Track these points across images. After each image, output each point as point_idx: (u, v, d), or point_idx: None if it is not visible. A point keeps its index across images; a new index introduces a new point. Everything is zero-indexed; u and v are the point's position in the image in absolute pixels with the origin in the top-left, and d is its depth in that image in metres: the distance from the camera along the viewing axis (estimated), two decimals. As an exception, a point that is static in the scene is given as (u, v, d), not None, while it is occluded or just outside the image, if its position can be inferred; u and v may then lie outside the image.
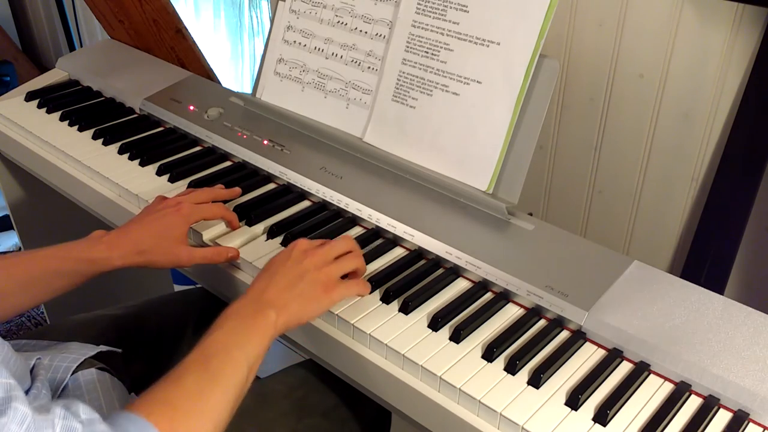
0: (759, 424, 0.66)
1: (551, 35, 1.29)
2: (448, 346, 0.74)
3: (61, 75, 1.39)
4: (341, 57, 1.04)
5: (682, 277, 0.79)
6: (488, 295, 0.82)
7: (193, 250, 0.86)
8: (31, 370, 0.77)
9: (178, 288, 1.78)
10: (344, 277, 0.78)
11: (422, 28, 0.95)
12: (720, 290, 1.19)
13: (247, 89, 2.17)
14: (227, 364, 0.63)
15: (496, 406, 0.67)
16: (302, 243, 0.77)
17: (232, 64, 2.40)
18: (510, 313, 0.79)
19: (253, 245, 0.89)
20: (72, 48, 2.63)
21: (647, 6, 1.19)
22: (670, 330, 0.73)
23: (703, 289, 0.77)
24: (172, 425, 0.57)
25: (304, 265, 0.74)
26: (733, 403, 0.68)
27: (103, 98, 1.30)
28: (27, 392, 0.72)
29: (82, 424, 0.52)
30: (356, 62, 1.02)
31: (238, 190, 0.97)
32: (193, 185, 1.01)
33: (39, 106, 1.26)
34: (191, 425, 0.58)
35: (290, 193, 1.00)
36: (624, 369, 0.72)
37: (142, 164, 1.07)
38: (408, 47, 0.96)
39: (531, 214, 0.89)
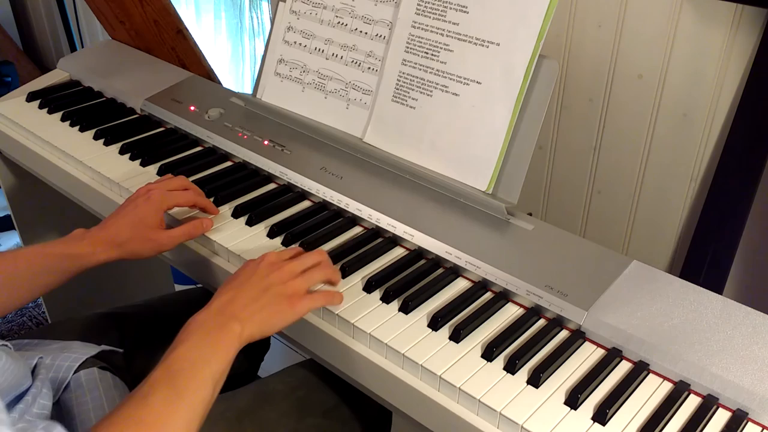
0: (758, 424, 0.66)
1: (551, 36, 1.29)
2: (448, 345, 0.74)
3: (62, 75, 1.40)
4: (341, 57, 1.04)
5: (681, 276, 0.79)
6: (488, 295, 0.82)
7: (171, 231, 0.87)
8: (33, 369, 0.78)
9: (178, 288, 1.79)
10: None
11: (422, 29, 0.95)
12: (719, 290, 1.19)
13: (248, 90, 2.17)
14: (193, 381, 0.62)
15: (495, 405, 0.67)
16: (270, 256, 0.76)
17: (233, 64, 2.40)
18: (509, 313, 0.79)
19: (253, 245, 0.89)
20: (73, 48, 2.64)
21: (646, 7, 1.19)
22: (669, 329, 0.73)
23: (702, 288, 0.77)
24: None
25: (270, 279, 0.73)
26: (731, 403, 0.68)
27: (104, 99, 1.30)
28: (27, 391, 0.72)
29: None
30: (356, 63, 1.02)
31: (216, 210, 0.96)
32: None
33: (40, 107, 1.26)
34: None
35: (290, 193, 1.00)
36: (623, 368, 0.72)
37: (143, 164, 1.08)
38: (408, 48, 0.96)
39: (530, 214, 0.90)
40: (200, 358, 0.64)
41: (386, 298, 0.80)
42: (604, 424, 0.66)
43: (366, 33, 1.01)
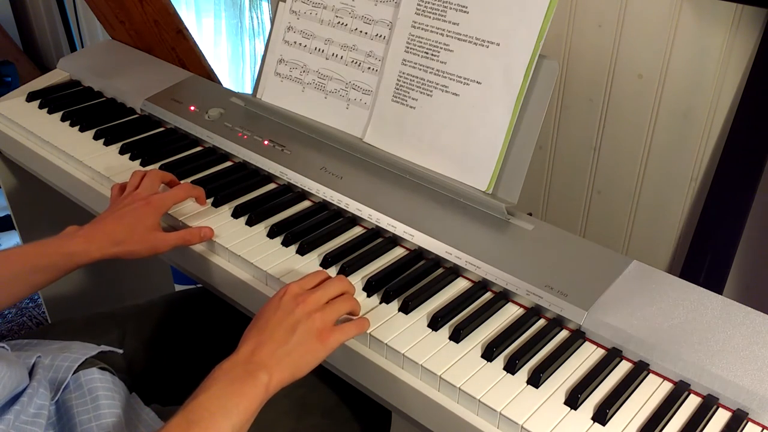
0: (758, 424, 0.66)
1: (551, 36, 1.29)
2: (448, 345, 0.74)
3: (63, 75, 1.40)
4: (341, 57, 1.04)
5: (681, 276, 0.79)
6: (488, 295, 0.82)
7: (168, 234, 0.88)
8: (32, 369, 0.77)
9: (178, 288, 1.79)
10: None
11: (422, 29, 0.95)
12: (719, 290, 1.19)
13: (248, 90, 2.17)
14: None
15: (495, 405, 0.67)
16: (292, 287, 0.73)
17: (233, 65, 2.40)
18: (509, 313, 0.79)
19: (253, 245, 0.89)
20: (73, 48, 2.64)
21: (646, 6, 1.19)
22: (669, 329, 0.73)
23: (702, 288, 0.77)
24: None
25: (295, 315, 0.70)
26: (731, 403, 0.68)
27: (104, 99, 1.30)
28: (23, 392, 0.72)
29: None
30: (356, 63, 1.02)
31: (206, 203, 0.98)
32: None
33: (40, 107, 1.26)
34: None
35: (290, 193, 1.00)
36: (623, 368, 0.72)
37: (143, 164, 1.08)
38: (408, 48, 0.96)
39: (530, 214, 0.90)
40: (221, 409, 0.61)
41: (386, 298, 0.80)
42: (604, 424, 0.66)
43: (366, 33, 1.01)
